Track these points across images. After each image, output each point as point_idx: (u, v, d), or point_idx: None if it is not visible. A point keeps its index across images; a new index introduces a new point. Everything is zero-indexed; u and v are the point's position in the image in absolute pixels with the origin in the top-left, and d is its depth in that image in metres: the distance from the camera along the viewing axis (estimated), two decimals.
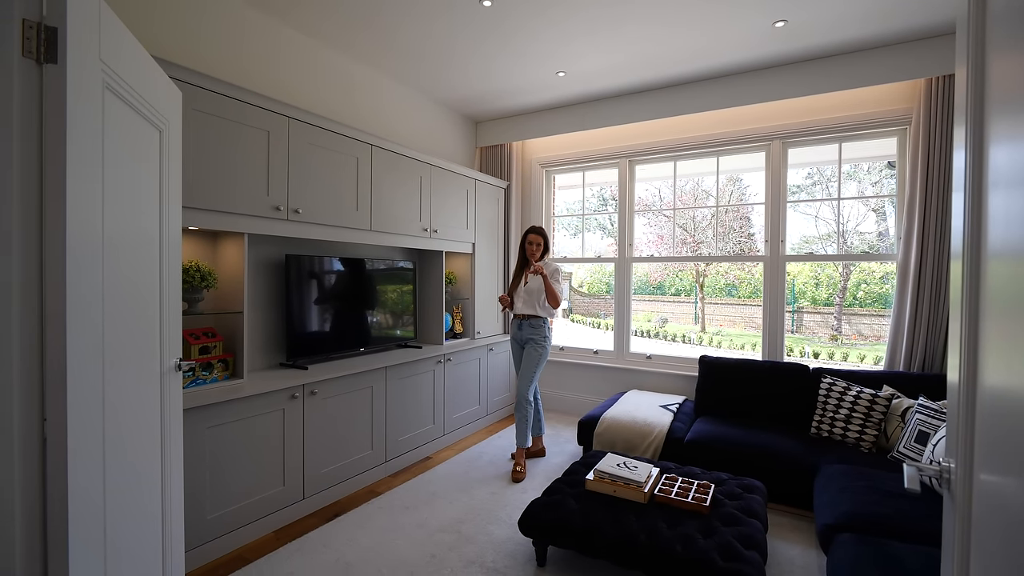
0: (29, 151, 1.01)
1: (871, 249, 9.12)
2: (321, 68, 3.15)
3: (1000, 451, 0.61)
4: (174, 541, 1.66)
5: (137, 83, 1.36)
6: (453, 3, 2.63)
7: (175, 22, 2.39)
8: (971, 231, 0.72)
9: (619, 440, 3.13)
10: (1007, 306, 0.60)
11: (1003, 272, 0.62)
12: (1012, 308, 0.59)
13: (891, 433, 2.69)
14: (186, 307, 2.31)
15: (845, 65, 3.16)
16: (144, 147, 1.44)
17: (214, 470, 2.16)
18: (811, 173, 10.20)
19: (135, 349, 1.39)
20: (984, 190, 0.69)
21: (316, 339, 2.95)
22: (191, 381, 2.22)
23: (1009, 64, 0.62)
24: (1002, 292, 0.62)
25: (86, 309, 1.12)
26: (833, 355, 8.58)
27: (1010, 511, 0.57)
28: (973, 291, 0.72)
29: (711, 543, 1.85)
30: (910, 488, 0.74)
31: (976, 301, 0.71)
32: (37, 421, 1.03)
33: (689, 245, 11.85)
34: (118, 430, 1.28)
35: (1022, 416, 0.54)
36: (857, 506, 2.01)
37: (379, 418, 3.02)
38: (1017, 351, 0.57)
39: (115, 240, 1.25)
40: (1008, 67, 0.62)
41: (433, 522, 2.51)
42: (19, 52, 0.98)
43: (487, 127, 4.63)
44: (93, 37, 1.12)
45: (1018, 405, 0.56)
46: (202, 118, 2.18)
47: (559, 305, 3.19)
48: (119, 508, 1.29)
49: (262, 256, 2.76)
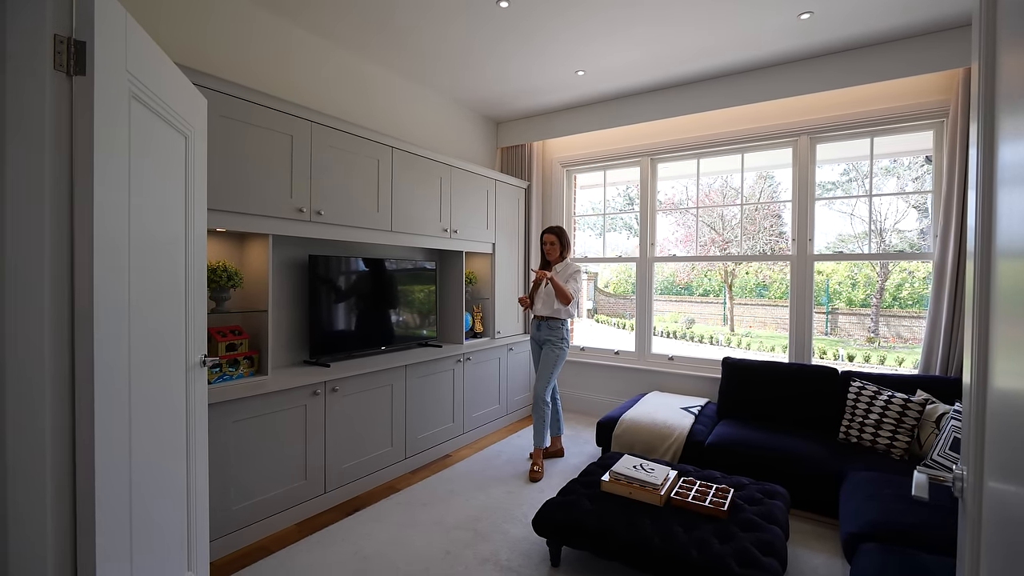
0: (60, 159, 1.07)
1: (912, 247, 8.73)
2: (343, 72, 3.22)
3: (1003, 456, 0.59)
4: (199, 530, 1.73)
5: (162, 92, 1.43)
6: (469, 5, 2.65)
7: (194, 27, 2.47)
8: (982, 229, 0.70)
9: (638, 442, 3.09)
10: (1012, 306, 0.58)
11: (1008, 271, 0.60)
12: (1015, 308, 0.56)
13: (925, 440, 2.57)
14: (214, 306, 2.40)
15: (875, 57, 3.04)
16: (170, 152, 1.51)
17: (239, 463, 2.24)
18: (847, 169, 9.82)
19: (161, 345, 1.46)
20: (994, 188, 0.67)
21: (338, 337, 3.02)
22: (218, 377, 2.31)
23: (1016, 60, 0.60)
24: (1007, 292, 0.60)
25: (114, 308, 1.18)
26: (869, 358, 8.24)
27: (1012, 520, 0.54)
28: (984, 291, 0.70)
29: (727, 549, 1.82)
30: (917, 495, 0.71)
31: (987, 301, 0.69)
32: (67, 415, 1.10)
33: (718, 244, 11.60)
34: (144, 423, 1.35)
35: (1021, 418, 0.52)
36: (883, 515, 1.93)
37: (399, 416, 3.07)
38: (1019, 352, 0.54)
39: (142, 242, 1.32)
40: (1015, 63, 0.60)
41: (450, 519, 2.53)
42: (51, 65, 1.04)
43: (507, 127, 4.65)
44: (119, 49, 1.19)
45: (1018, 408, 0.53)
46: (228, 124, 2.26)
47: (569, 302, 3.15)
48: (145, 498, 1.35)
49: (286, 256, 2.85)
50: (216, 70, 2.55)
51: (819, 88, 3.21)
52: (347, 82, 3.27)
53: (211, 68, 2.52)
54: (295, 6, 2.71)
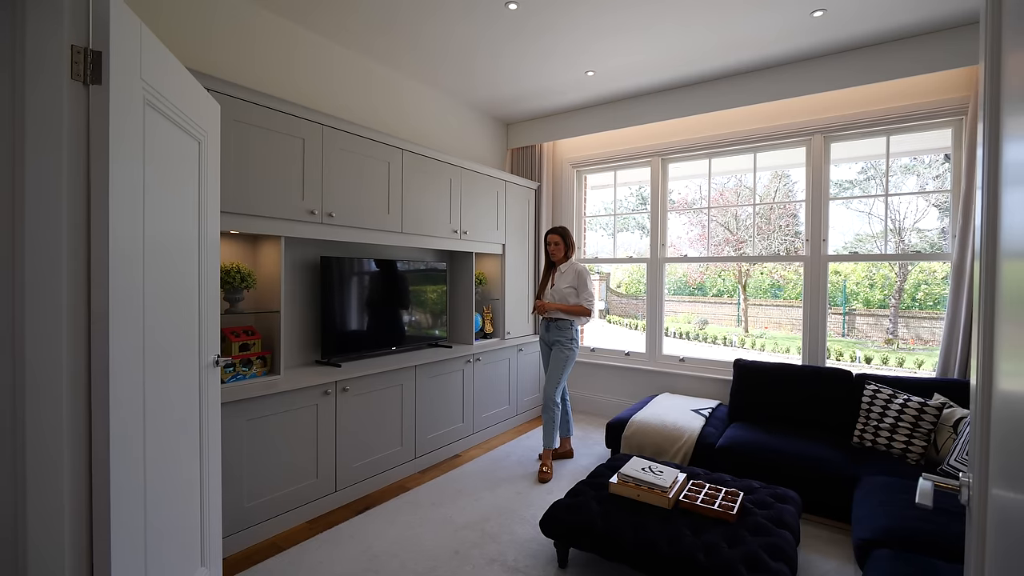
0: (77, 164, 1.11)
1: (933, 247, 8.52)
2: (350, 73, 3.26)
3: (1004, 461, 0.58)
4: (212, 527, 1.76)
5: (176, 98, 1.46)
6: (477, 6, 2.65)
7: (199, 28, 2.48)
8: (988, 230, 0.69)
9: (647, 444, 3.08)
10: (1015, 308, 0.57)
11: (1011, 273, 0.60)
12: (1017, 310, 0.56)
13: (942, 445, 2.52)
14: (228, 306, 2.45)
15: (890, 54, 2.98)
16: (183, 157, 1.55)
17: (252, 461, 2.28)
18: (865, 167, 9.63)
19: (175, 346, 1.49)
20: (999, 188, 0.66)
21: (349, 337, 3.05)
22: (232, 376, 2.35)
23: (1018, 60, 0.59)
24: (1011, 293, 0.59)
25: (128, 309, 1.21)
26: (887, 360, 8.08)
27: (1012, 529, 0.54)
28: (990, 292, 0.69)
29: (736, 553, 1.80)
30: (921, 503, 0.70)
31: (992, 303, 0.68)
32: (84, 413, 1.13)
33: (731, 243, 11.46)
34: (158, 421, 1.38)
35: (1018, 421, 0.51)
36: (897, 520, 1.90)
37: (409, 415, 3.10)
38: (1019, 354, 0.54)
39: (156, 245, 1.35)
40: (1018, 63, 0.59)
41: (458, 519, 2.55)
42: (68, 75, 1.07)
43: (517, 128, 4.66)
44: (134, 59, 1.22)
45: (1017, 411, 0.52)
46: (241, 128, 2.31)
47: (588, 313, 3.18)
48: (159, 495, 1.39)
49: (298, 258, 2.89)
50: (221, 71, 2.54)
51: (833, 86, 3.16)
52: (354, 83, 3.29)
53: (216, 69, 2.52)
54: (301, 7, 2.71)
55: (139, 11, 2.20)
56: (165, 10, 2.33)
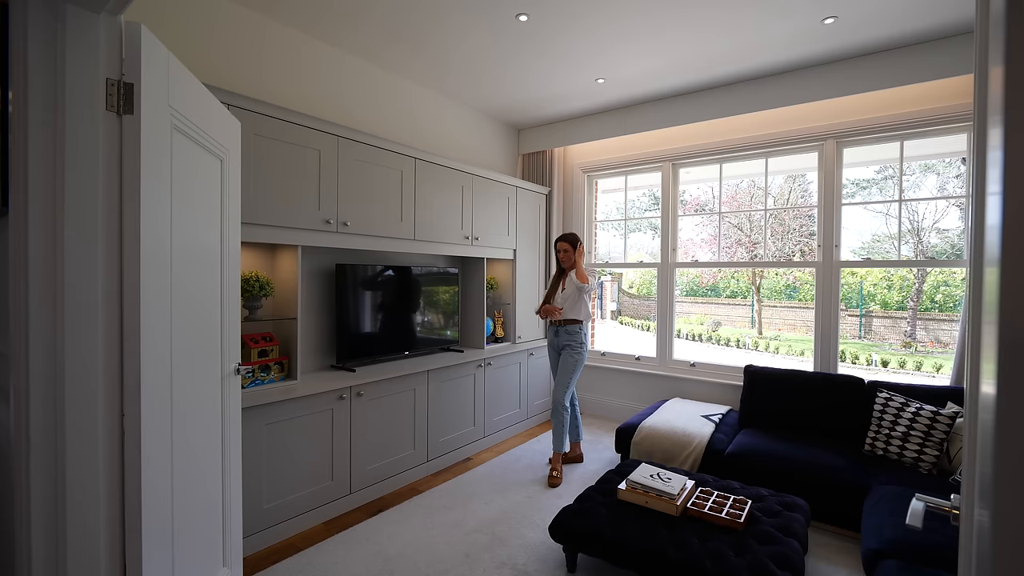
0: (111, 187, 1.18)
1: (954, 248, 8.36)
2: (361, 83, 3.32)
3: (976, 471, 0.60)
4: (233, 528, 1.84)
5: (201, 121, 1.53)
6: (487, 17, 2.69)
7: (208, 39, 2.56)
8: (975, 237, 0.72)
9: (657, 450, 3.10)
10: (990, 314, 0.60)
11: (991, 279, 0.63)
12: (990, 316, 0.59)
13: (955, 455, 2.51)
14: (247, 314, 2.53)
15: (902, 60, 2.96)
16: (207, 175, 1.62)
17: (271, 464, 2.36)
18: (882, 167, 9.49)
19: (199, 354, 1.56)
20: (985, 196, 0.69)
21: (363, 342, 3.12)
22: (251, 382, 2.43)
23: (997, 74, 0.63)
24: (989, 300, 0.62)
25: (157, 322, 1.28)
26: (904, 364, 7.94)
27: (984, 551, 0.56)
28: (977, 300, 0.71)
29: (742, 561, 1.82)
30: (911, 525, 0.72)
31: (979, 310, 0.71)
32: (117, 418, 1.20)
33: (744, 244, 11.35)
34: (184, 427, 1.45)
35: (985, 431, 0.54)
36: (906, 531, 1.90)
37: (421, 419, 3.16)
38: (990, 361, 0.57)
39: (182, 260, 1.42)
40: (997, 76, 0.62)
41: (469, 522, 2.60)
42: (103, 107, 1.14)
43: (529, 134, 4.69)
44: (163, 88, 1.29)
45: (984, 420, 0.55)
46: (260, 141, 2.38)
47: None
48: (185, 496, 1.46)
49: (314, 266, 2.97)
50: (233, 82, 2.58)
51: (845, 92, 3.15)
52: (365, 93, 3.34)
53: (228, 80, 2.56)
54: (311, 19, 2.74)
55: (152, 24, 2.21)
56: (178, 22, 2.40)
